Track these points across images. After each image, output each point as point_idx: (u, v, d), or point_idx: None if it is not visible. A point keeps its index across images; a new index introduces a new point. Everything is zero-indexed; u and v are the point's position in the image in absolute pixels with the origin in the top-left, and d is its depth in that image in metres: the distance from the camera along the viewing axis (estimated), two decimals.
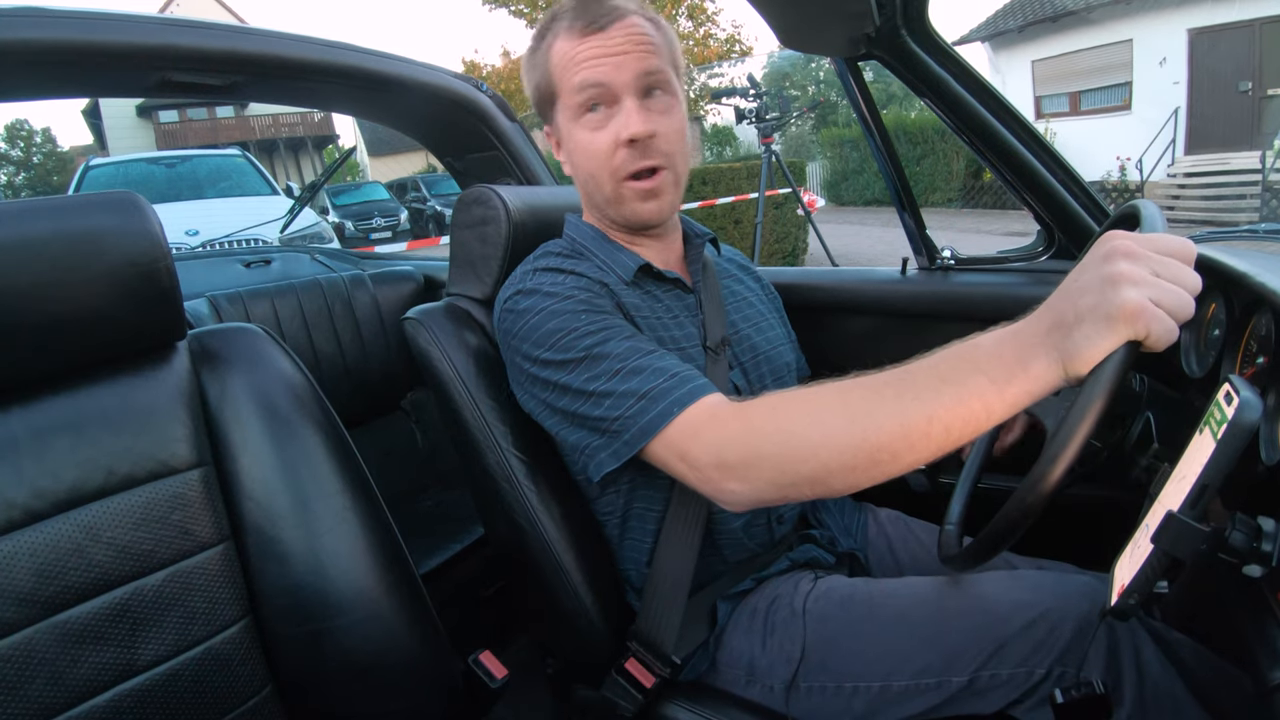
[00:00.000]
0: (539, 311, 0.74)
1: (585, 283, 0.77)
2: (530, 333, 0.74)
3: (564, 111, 0.78)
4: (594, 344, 0.71)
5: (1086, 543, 0.90)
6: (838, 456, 0.56)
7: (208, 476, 0.66)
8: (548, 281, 0.77)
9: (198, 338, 0.71)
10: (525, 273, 0.80)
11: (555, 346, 0.72)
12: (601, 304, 0.75)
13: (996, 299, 1.21)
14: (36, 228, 0.56)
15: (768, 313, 0.98)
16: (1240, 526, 0.50)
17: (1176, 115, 9.51)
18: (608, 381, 0.69)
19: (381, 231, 12.10)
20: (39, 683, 0.56)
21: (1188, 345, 0.83)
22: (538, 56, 0.80)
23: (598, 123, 0.76)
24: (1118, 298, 0.47)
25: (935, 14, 1.01)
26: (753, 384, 0.88)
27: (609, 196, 0.80)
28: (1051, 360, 0.51)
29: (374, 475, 0.75)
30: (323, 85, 1.24)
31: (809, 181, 12.78)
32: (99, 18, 0.93)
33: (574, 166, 0.82)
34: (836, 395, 0.59)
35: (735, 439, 0.62)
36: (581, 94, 0.75)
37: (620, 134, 0.75)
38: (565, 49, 0.76)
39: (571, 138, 0.79)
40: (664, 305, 0.84)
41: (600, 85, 0.75)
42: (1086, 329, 0.49)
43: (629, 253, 0.83)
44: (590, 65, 0.75)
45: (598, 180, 0.79)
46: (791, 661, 0.78)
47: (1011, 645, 0.69)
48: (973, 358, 0.53)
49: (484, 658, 0.80)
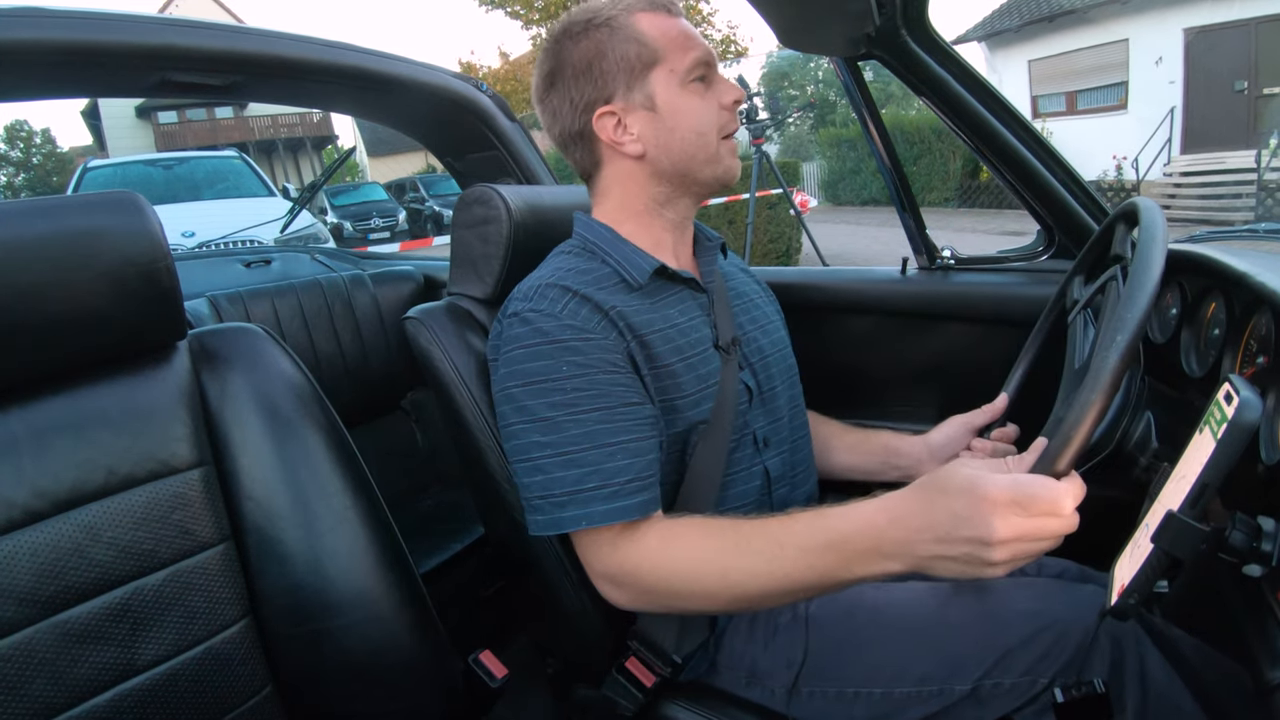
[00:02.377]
0: (526, 345, 0.74)
1: (584, 315, 0.75)
2: (511, 361, 0.74)
3: (668, 78, 0.81)
4: (558, 413, 0.71)
5: (1086, 542, 0.90)
6: (705, 602, 0.69)
7: (208, 476, 0.66)
8: (546, 309, 0.75)
9: (198, 338, 0.71)
10: (532, 289, 0.78)
11: (528, 387, 0.72)
12: (592, 347, 0.73)
13: (996, 299, 1.21)
14: (36, 228, 0.56)
15: (773, 314, 0.98)
16: (1240, 526, 0.50)
17: (1172, 114, 9.53)
18: (551, 457, 0.70)
19: (379, 232, 12.09)
20: (39, 682, 0.56)
21: (1188, 345, 0.84)
22: (616, 25, 0.81)
23: (702, 89, 0.83)
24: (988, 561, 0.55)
25: (934, 14, 1.01)
26: (762, 385, 0.88)
27: (712, 154, 0.83)
28: (907, 567, 0.60)
29: (374, 475, 0.75)
30: (322, 85, 1.24)
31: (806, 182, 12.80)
32: (99, 18, 0.93)
33: (673, 133, 0.82)
34: (717, 550, 0.68)
35: (626, 568, 0.70)
36: (695, 67, 0.81)
37: (725, 99, 0.83)
38: (663, 24, 0.81)
39: (678, 100, 0.82)
40: (677, 310, 0.83)
41: (709, 61, 0.83)
42: (952, 566, 0.57)
43: (643, 253, 0.83)
44: (695, 42, 0.82)
45: (706, 139, 0.82)
46: (793, 665, 0.78)
47: (1016, 654, 0.69)
48: (841, 547, 0.62)
49: (484, 658, 0.80)
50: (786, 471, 0.89)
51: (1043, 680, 0.68)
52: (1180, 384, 0.83)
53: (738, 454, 0.83)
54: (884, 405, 1.36)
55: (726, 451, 0.80)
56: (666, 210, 0.86)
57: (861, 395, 1.37)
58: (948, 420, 0.92)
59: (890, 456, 0.97)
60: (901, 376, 1.35)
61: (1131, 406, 0.79)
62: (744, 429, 0.84)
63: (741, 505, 0.84)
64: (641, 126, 0.82)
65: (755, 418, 0.86)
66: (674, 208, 0.86)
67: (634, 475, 0.70)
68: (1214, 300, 0.80)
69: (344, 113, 1.66)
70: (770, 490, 0.86)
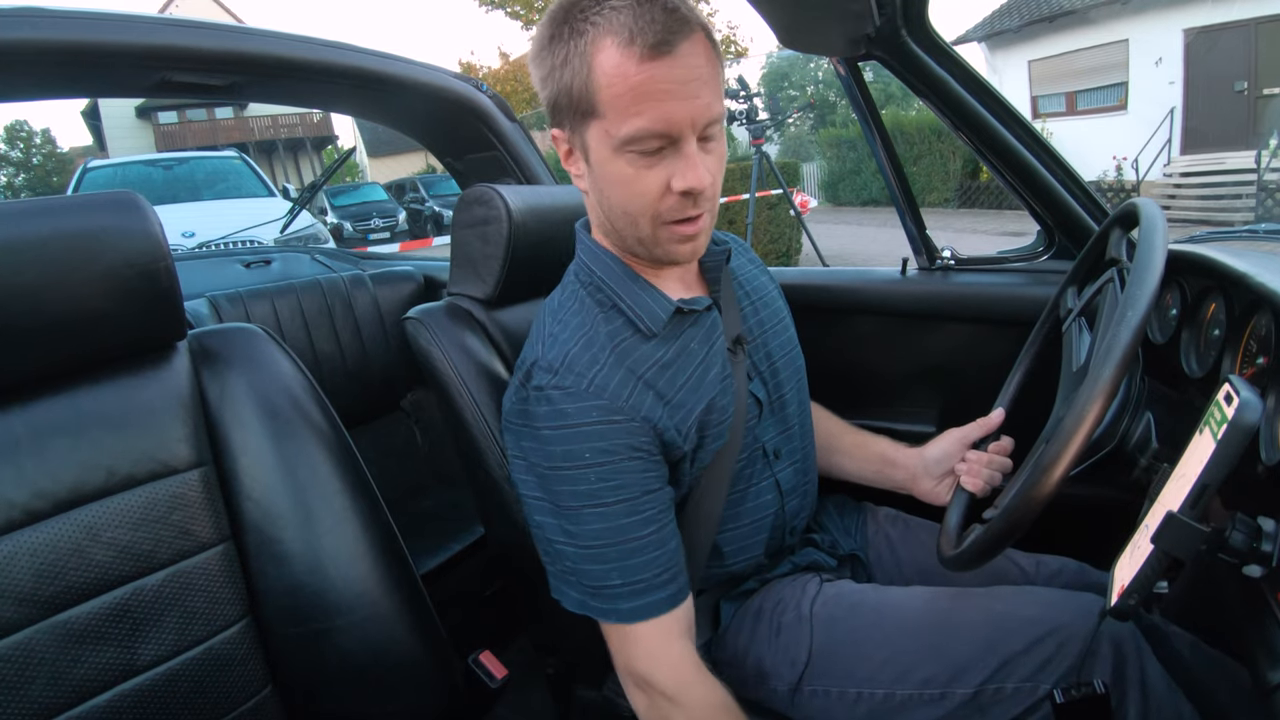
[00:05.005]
0: (551, 426, 0.71)
1: (613, 390, 0.71)
2: (535, 437, 0.72)
3: (603, 136, 0.66)
4: (580, 504, 0.70)
5: (1086, 542, 0.90)
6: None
7: (208, 476, 0.66)
8: (571, 386, 0.71)
9: (198, 338, 0.71)
10: (559, 362, 0.72)
11: (552, 471, 0.71)
12: (617, 431, 0.70)
13: (996, 299, 1.21)
14: (36, 228, 0.56)
15: (784, 310, 0.95)
16: (1240, 526, 0.50)
17: (1172, 115, 9.53)
18: (574, 548, 0.71)
19: (379, 232, 12.10)
20: (39, 683, 0.56)
21: (1188, 345, 0.83)
22: (575, 49, 0.65)
23: (648, 163, 0.66)
24: None
25: (934, 14, 1.01)
26: (771, 395, 0.86)
27: (644, 237, 0.72)
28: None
29: (374, 475, 0.75)
30: (323, 85, 1.24)
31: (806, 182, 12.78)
32: (99, 18, 0.92)
33: (602, 196, 0.72)
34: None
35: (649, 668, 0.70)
36: (639, 137, 0.64)
37: (676, 183, 0.66)
38: (621, 66, 0.63)
39: (607, 166, 0.68)
40: (693, 348, 0.78)
41: (664, 134, 0.64)
42: None
43: (655, 292, 0.77)
44: (655, 103, 0.63)
45: (634, 220, 0.71)
46: (797, 665, 0.78)
47: (1019, 660, 0.69)
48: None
49: (484, 658, 0.80)
50: (799, 482, 0.88)
51: (1045, 686, 0.67)
52: (1180, 384, 0.82)
53: (747, 470, 0.82)
54: (884, 405, 1.36)
55: (734, 468, 0.79)
56: (635, 257, 0.78)
57: (861, 395, 1.37)
58: (943, 434, 0.91)
59: (885, 467, 0.96)
60: (901, 377, 1.35)
61: (1131, 406, 0.79)
62: (754, 443, 0.83)
63: (754, 522, 0.83)
64: (583, 169, 0.72)
65: (765, 429, 0.85)
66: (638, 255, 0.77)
67: (661, 569, 0.70)
68: (1214, 300, 0.80)
69: (344, 113, 1.66)
70: (783, 504, 0.86)
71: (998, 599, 0.75)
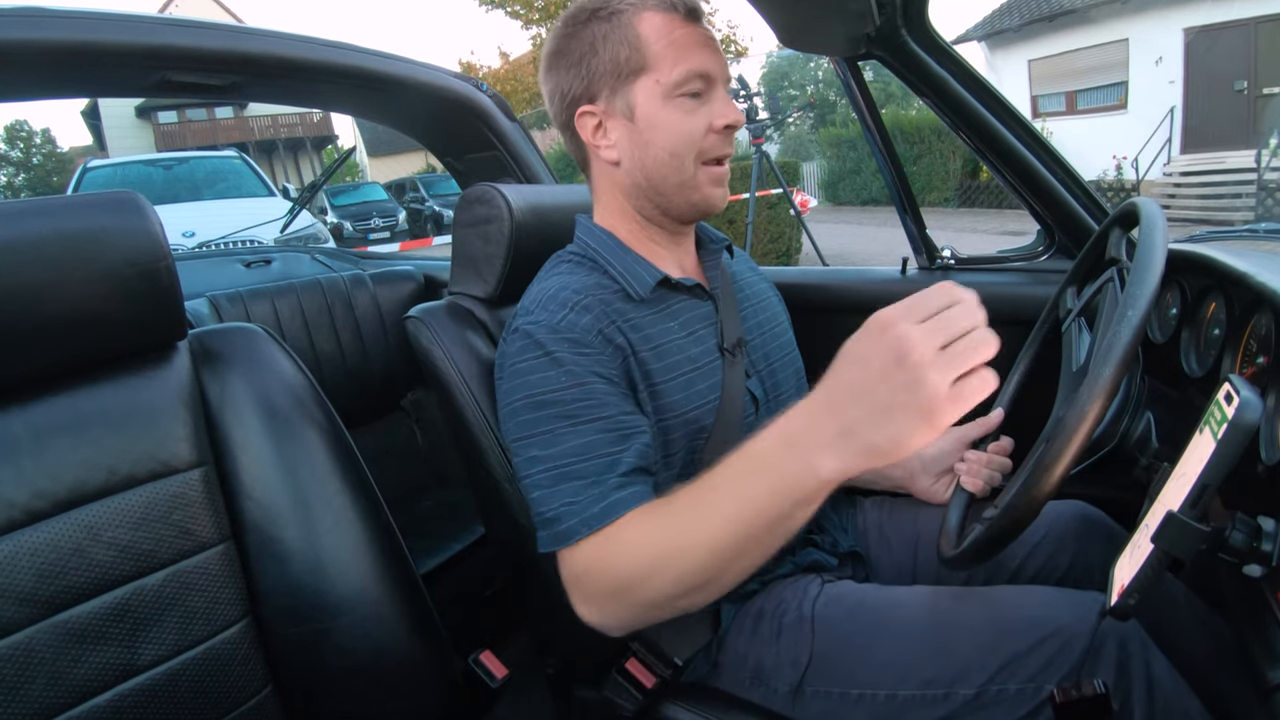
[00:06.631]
0: (525, 359, 0.73)
1: (582, 328, 0.74)
2: (515, 374, 0.74)
3: (652, 88, 0.76)
4: (555, 425, 0.70)
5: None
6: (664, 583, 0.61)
7: (208, 476, 0.66)
8: (545, 320, 0.74)
9: (198, 337, 0.71)
10: (533, 303, 0.77)
11: (528, 401, 0.71)
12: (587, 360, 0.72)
13: (996, 299, 1.21)
14: (36, 228, 0.56)
15: (781, 313, 0.97)
16: (1240, 526, 0.50)
17: (1172, 114, 9.53)
18: (543, 472, 0.69)
19: (379, 232, 12.09)
20: (39, 683, 0.56)
21: (1188, 345, 0.84)
22: (618, 22, 0.76)
23: (692, 106, 0.77)
24: (924, 381, 0.46)
25: (934, 14, 1.01)
26: (769, 393, 0.87)
27: (685, 179, 0.78)
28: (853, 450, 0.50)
29: (374, 475, 0.75)
30: (323, 85, 1.24)
31: (805, 182, 12.78)
32: (99, 18, 0.93)
33: (645, 150, 0.78)
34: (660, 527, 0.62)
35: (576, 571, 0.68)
36: (688, 80, 0.76)
37: (716, 120, 0.77)
38: (667, 24, 0.76)
39: (659, 114, 0.77)
40: (679, 321, 0.81)
41: (707, 74, 0.76)
42: (897, 419, 0.47)
43: (646, 263, 0.81)
44: (697, 51, 0.76)
45: (680, 160, 0.78)
46: (798, 666, 0.78)
47: (1022, 660, 0.69)
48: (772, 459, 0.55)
49: (484, 658, 0.80)
50: None
51: (1048, 687, 0.67)
52: (1180, 384, 0.82)
53: None
54: None
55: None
56: (651, 226, 0.84)
57: None
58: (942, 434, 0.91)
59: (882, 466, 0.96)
60: None
61: (1131, 406, 0.79)
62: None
63: None
64: (619, 134, 0.79)
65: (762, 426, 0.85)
66: (659, 223, 0.84)
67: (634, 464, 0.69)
68: (1214, 300, 0.80)
69: (344, 113, 1.67)
70: None
71: (1000, 599, 0.75)
